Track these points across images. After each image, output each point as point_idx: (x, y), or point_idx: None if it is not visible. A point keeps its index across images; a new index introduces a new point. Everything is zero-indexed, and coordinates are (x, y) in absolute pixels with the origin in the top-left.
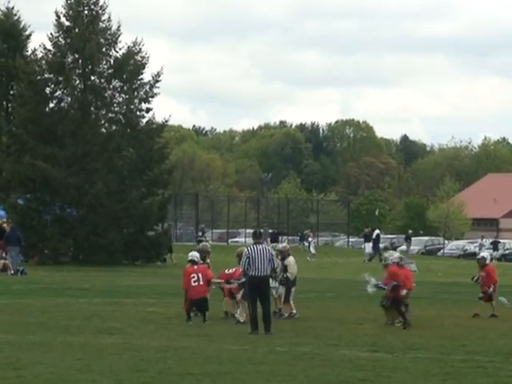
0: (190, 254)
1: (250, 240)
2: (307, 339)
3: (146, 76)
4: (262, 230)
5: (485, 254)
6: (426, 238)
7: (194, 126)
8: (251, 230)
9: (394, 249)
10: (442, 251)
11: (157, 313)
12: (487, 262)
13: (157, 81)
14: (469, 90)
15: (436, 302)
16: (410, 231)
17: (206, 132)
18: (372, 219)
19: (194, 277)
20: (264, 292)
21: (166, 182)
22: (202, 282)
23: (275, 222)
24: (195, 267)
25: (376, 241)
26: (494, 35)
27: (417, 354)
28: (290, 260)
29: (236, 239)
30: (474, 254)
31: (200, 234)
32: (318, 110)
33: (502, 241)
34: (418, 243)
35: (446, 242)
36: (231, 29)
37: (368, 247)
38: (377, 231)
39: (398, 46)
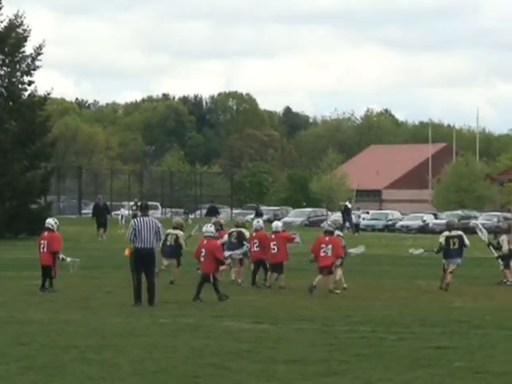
0: (47, 221)
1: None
2: (191, 311)
3: (28, 49)
4: (147, 203)
5: (274, 223)
6: (309, 209)
7: (77, 98)
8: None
9: (278, 220)
10: (325, 222)
11: None
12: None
13: (39, 54)
14: (352, 61)
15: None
16: (348, 203)
17: (89, 105)
18: (255, 192)
19: (41, 244)
20: (149, 264)
21: (48, 155)
22: (45, 250)
23: (158, 195)
24: (45, 234)
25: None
26: (376, 7)
27: (301, 325)
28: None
29: (118, 212)
30: (357, 225)
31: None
32: (201, 82)
33: (385, 211)
34: (301, 215)
35: (329, 213)
36: (114, 0)
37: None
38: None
39: (281, 18)
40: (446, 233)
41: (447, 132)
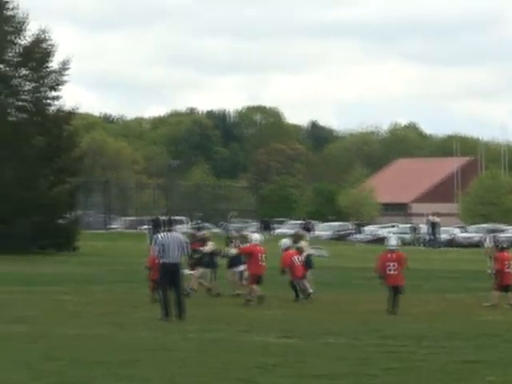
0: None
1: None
2: (219, 326)
3: (55, 64)
4: (171, 218)
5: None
6: (336, 223)
7: (102, 113)
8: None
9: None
10: (352, 236)
11: (69, 301)
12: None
13: (65, 68)
14: (377, 74)
15: (348, 287)
16: (436, 217)
17: (114, 119)
18: (283, 206)
19: None
20: (176, 279)
21: (75, 170)
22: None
23: (186, 209)
24: None
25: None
26: (401, 20)
27: (329, 339)
28: None
29: (145, 226)
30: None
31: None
32: (226, 96)
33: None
34: (329, 228)
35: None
36: (138, 16)
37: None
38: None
39: (306, 32)
40: None
41: (473, 145)
